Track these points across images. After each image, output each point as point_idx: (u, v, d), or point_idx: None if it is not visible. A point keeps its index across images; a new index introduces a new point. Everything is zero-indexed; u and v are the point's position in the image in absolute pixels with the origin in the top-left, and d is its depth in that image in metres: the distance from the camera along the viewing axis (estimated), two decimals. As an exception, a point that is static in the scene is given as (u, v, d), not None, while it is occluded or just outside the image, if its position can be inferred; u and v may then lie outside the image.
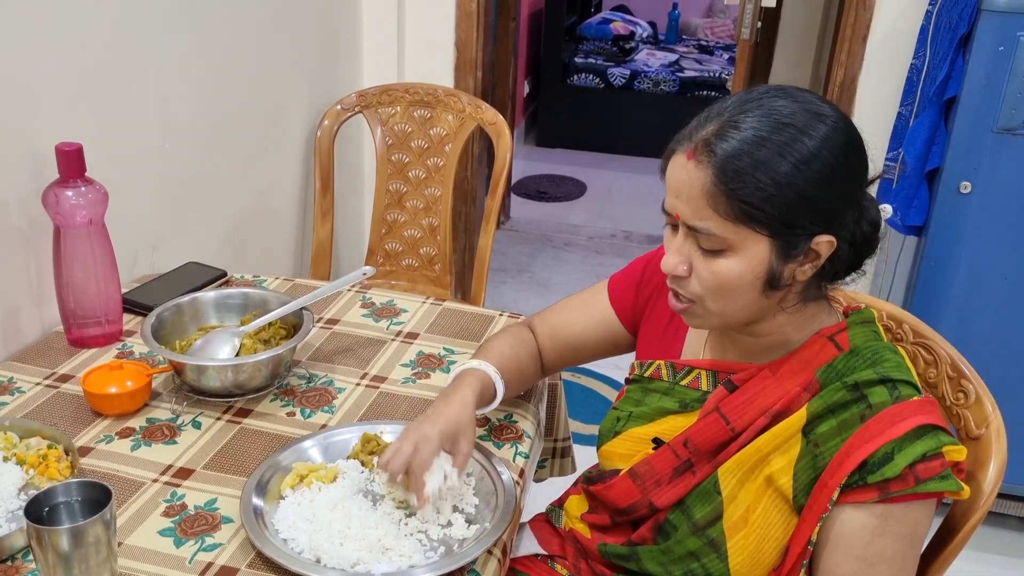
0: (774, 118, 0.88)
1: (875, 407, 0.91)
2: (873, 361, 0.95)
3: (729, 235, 0.90)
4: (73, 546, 0.84)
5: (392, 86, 2.28)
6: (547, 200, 4.51)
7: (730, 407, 1.00)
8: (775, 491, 0.96)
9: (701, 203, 0.90)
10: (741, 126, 0.88)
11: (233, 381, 1.23)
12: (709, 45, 5.85)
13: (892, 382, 0.92)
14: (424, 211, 2.29)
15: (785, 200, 0.87)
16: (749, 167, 0.87)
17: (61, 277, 1.32)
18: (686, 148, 0.91)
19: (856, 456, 0.90)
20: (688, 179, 0.90)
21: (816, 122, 0.89)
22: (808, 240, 0.90)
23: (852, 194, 0.92)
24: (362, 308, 1.53)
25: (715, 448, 1.01)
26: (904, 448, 0.89)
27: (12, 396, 1.24)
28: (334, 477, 1.08)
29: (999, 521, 2.27)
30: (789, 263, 0.91)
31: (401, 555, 0.97)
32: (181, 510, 1.05)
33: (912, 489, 0.88)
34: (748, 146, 0.87)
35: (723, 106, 0.92)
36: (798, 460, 0.95)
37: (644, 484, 1.06)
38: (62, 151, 1.26)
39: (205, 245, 1.87)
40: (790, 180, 0.87)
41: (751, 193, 0.87)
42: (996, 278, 1.98)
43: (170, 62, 1.67)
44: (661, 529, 1.04)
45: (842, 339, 0.98)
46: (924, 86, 2.08)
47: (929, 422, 0.90)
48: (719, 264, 0.92)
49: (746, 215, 0.88)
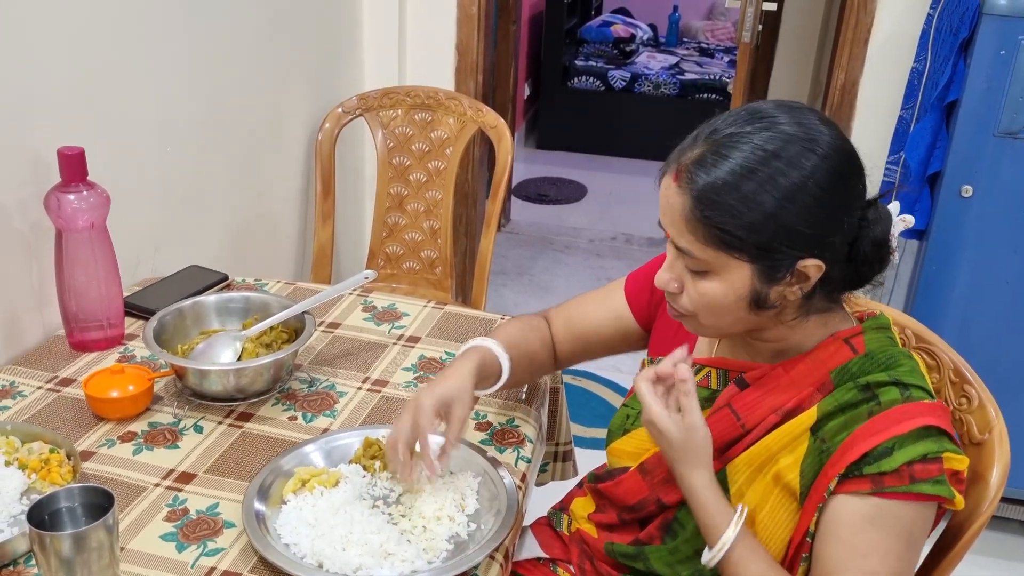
0: (762, 147, 0.88)
1: (884, 404, 0.92)
2: (888, 365, 0.95)
3: (709, 258, 0.91)
4: (75, 551, 0.84)
5: (393, 89, 2.28)
6: (547, 203, 4.51)
7: (741, 404, 1.00)
8: (783, 489, 0.96)
9: (682, 226, 0.92)
10: (728, 155, 0.88)
11: (235, 385, 1.23)
12: (710, 48, 5.86)
13: (905, 385, 0.93)
14: (425, 214, 2.29)
15: (765, 230, 0.88)
16: (728, 198, 0.88)
17: (63, 281, 1.32)
18: (672, 170, 0.93)
19: (859, 448, 0.90)
20: (671, 202, 0.92)
21: (806, 152, 0.88)
22: (792, 263, 0.90)
23: (839, 220, 0.90)
24: (363, 312, 1.53)
25: (724, 445, 1.01)
26: (905, 445, 0.89)
27: (14, 400, 1.24)
28: (336, 482, 1.08)
29: (1002, 525, 2.27)
30: (775, 286, 0.92)
31: (404, 560, 0.97)
32: (183, 515, 1.05)
33: (906, 487, 0.88)
34: (730, 177, 0.88)
35: (716, 124, 0.92)
36: (805, 457, 0.95)
37: (653, 480, 1.06)
38: (64, 155, 1.26)
39: (206, 249, 1.87)
40: (772, 213, 0.87)
41: (727, 222, 0.88)
42: (998, 282, 1.98)
43: (171, 65, 1.67)
44: (669, 528, 1.04)
45: (858, 342, 0.98)
46: (925, 90, 2.08)
47: (935, 424, 0.90)
48: (704, 285, 0.94)
49: (723, 242, 0.89)
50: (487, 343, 1.16)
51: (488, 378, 1.14)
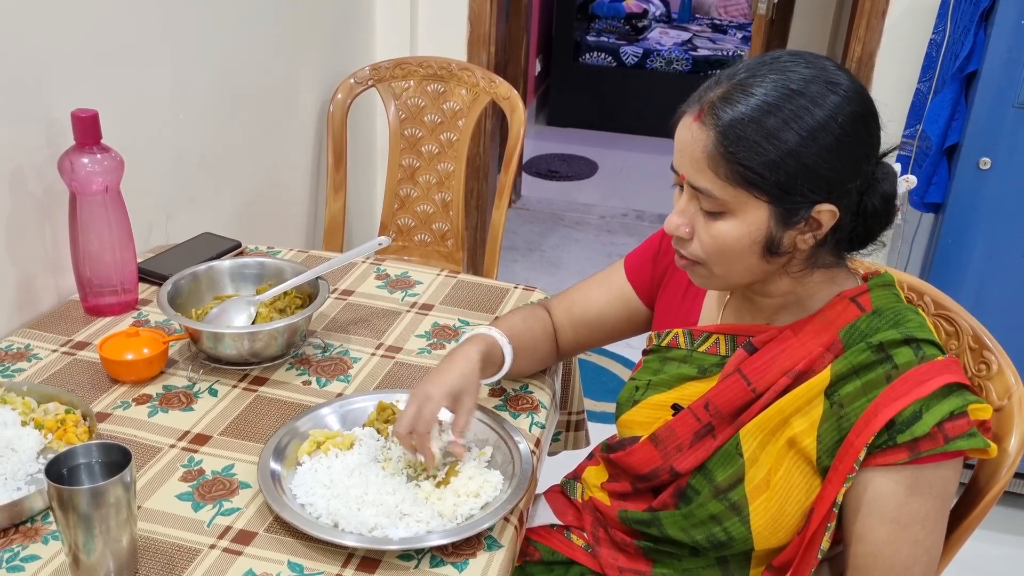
0: (785, 86, 0.88)
1: (901, 367, 0.91)
2: (896, 321, 0.94)
3: (728, 198, 0.90)
4: (93, 507, 0.84)
5: (405, 60, 2.26)
6: (558, 179, 4.49)
7: (751, 368, 0.99)
8: (797, 453, 0.96)
9: (702, 164, 0.90)
10: (751, 91, 0.88)
11: (249, 349, 1.23)
12: (723, 24, 5.80)
13: (916, 342, 0.92)
14: (437, 186, 2.28)
15: (787, 169, 0.87)
16: (753, 134, 0.87)
17: (77, 245, 1.32)
18: (695, 109, 0.92)
19: (884, 415, 0.89)
20: (692, 140, 0.91)
21: (828, 92, 0.88)
22: (809, 208, 0.90)
23: (859, 165, 0.91)
24: (377, 280, 1.53)
25: (736, 410, 1.00)
26: (932, 407, 0.88)
27: (29, 363, 1.24)
28: (351, 444, 1.08)
29: (1014, 501, 2.26)
30: (789, 230, 0.91)
31: (419, 520, 0.97)
32: (199, 475, 1.05)
33: (942, 448, 0.88)
34: (755, 113, 0.87)
35: (736, 68, 0.92)
36: (822, 422, 0.94)
37: (666, 449, 1.05)
38: (78, 117, 1.26)
39: (219, 217, 1.87)
40: (795, 150, 0.87)
41: (751, 158, 0.87)
42: (1015, 254, 1.97)
43: (185, 32, 1.66)
44: (683, 494, 1.04)
45: (864, 300, 0.97)
46: (944, 61, 2.05)
47: (955, 380, 0.90)
48: (718, 227, 0.92)
49: (745, 180, 0.88)
50: (491, 332, 1.15)
51: (490, 367, 1.14)
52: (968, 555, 1.18)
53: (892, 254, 2.44)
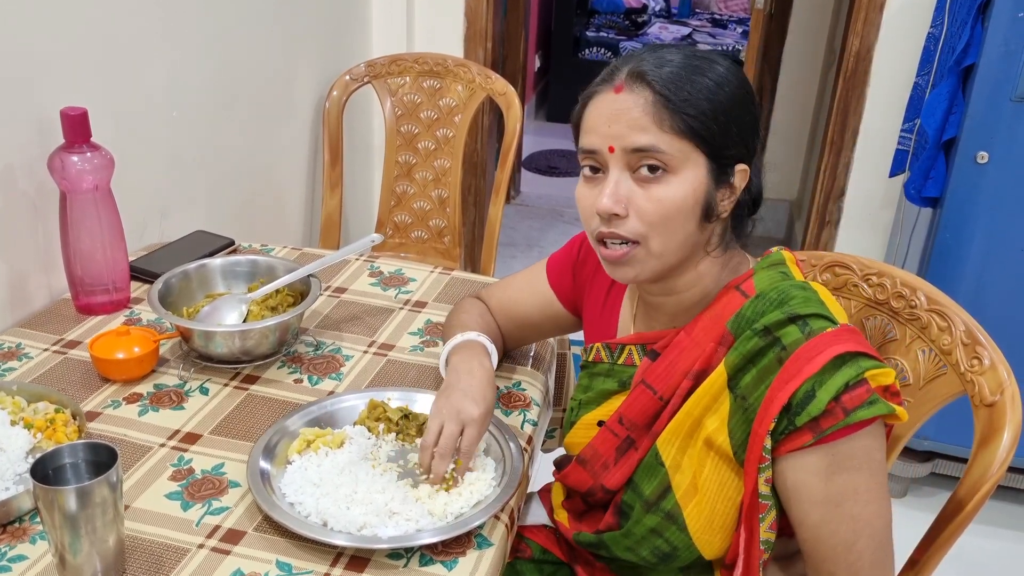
0: (691, 53, 0.95)
1: (789, 347, 0.89)
2: (780, 301, 0.92)
3: (674, 151, 0.90)
4: (79, 507, 0.83)
5: (401, 56, 2.25)
6: (558, 175, 4.48)
7: (654, 376, 0.99)
8: (716, 452, 0.95)
9: (644, 121, 0.91)
10: (667, 58, 0.93)
11: (240, 347, 1.22)
12: (722, 19, 5.79)
13: (801, 318, 0.90)
14: (434, 183, 2.27)
15: (718, 120, 0.90)
16: (687, 87, 0.90)
17: (68, 243, 1.31)
18: (611, 86, 0.94)
19: (779, 399, 0.87)
20: (623, 107, 0.92)
21: (719, 60, 0.95)
22: (732, 166, 0.93)
23: (757, 130, 0.97)
24: (370, 277, 1.53)
25: (648, 420, 1.00)
26: (825, 382, 0.86)
27: (20, 362, 1.24)
28: (341, 442, 1.07)
29: (1010, 496, 2.26)
30: (719, 190, 0.93)
31: (408, 519, 0.96)
32: (188, 474, 1.05)
33: (843, 422, 0.86)
34: (683, 71, 0.91)
35: (628, 56, 0.96)
36: (731, 417, 0.93)
37: (593, 468, 1.05)
38: (67, 115, 1.25)
39: (213, 215, 1.86)
40: (721, 102, 0.91)
41: (692, 108, 0.90)
42: (1013, 248, 1.96)
43: (179, 29, 1.66)
44: (621, 512, 1.03)
45: (748, 286, 0.96)
46: (942, 55, 2.04)
47: (846, 350, 0.87)
48: (660, 190, 0.91)
49: (691, 129, 0.90)
50: (481, 340, 1.15)
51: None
52: (965, 550, 1.18)
53: (890, 248, 2.44)
